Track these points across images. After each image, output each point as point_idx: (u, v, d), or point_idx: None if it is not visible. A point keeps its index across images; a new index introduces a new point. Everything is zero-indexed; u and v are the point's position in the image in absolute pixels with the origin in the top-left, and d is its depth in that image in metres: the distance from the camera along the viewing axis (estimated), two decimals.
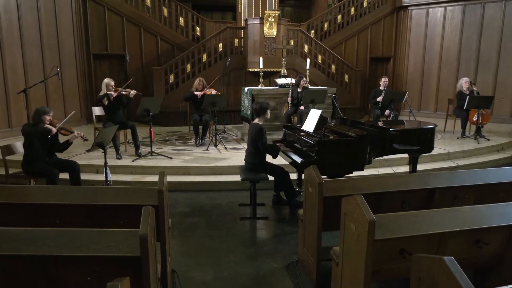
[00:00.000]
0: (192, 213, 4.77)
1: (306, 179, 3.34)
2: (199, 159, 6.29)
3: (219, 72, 9.32)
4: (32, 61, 8.37)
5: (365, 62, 11.85)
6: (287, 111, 7.58)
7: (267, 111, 4.66)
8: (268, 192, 5.20)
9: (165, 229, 2.95)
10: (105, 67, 10.48)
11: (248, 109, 7.87)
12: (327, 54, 10.80)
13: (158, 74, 9.73)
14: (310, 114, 4.91)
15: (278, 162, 5.11)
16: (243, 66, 10.05)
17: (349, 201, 2.48)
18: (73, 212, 2.92)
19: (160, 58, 10.48)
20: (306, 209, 3.35)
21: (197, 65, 9.99)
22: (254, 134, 4.57)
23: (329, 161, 4.21)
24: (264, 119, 4.72)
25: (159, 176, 3.05)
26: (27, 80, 8.12)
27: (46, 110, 4.66)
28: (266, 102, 4.77)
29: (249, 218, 4.60)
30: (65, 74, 8.76)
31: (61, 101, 9.17)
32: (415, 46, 11.47)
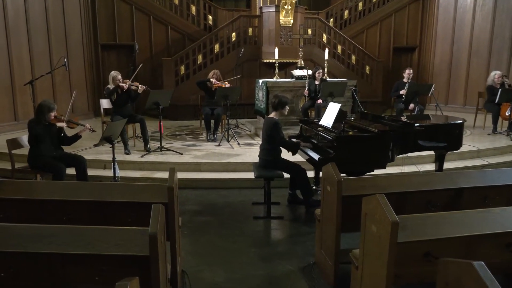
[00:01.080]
0: (203, 211, 4.80)
1: (324, 177, 3.33)
2: (211, 155, 6.32)
3: (232, 63, 9.33)
4: (39, 51, 8.52)
5: (388, 52, 11.70)
6: (303, 105, 7.55)
7: (285, 106, 4.64)
8: (283, 191, 5.20)
9: (175, 227, 2.97)
10: (113, 58, 10.60)
11: (262, 102, 7.85)
12: (347, 44, 10.70)
13: (168, 65, 9.80)
14: (328, 108, 4.88)
15: (294, 159, 5.10)
16: (257, 57, 10.03)
17: (370, 200, 2.46)
18: (80, 208, 2.96)
19: (170, 49, 10.54)
20: (324, 209, 3.34)
21: (209, 55, 10.02)
22: (269, 129, 4.57)
23: (349, 158, 4.18)
24: (281, 114, 4.70)
25: (169, 172, 3.07)
26: (34, 71, 8.27)
27: (50, 107, 4.68)
28: (285, 97, 4.75)
29: (263, 218, 4.60)
30: (72, 65, 8.90)
31: (68, 93, 9.31)
32: (443, 35, 11.25)
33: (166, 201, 2.89)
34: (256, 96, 8.40)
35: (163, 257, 2.36)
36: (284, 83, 7.80)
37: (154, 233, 2.15)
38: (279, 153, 4.72)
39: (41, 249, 2.18)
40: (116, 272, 2.14)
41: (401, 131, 4.44)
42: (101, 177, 5.54)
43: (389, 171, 5.17)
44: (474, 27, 10.65)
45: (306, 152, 4.67)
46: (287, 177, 4.77)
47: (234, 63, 9.01)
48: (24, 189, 3.16)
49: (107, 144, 4.87)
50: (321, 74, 7.54)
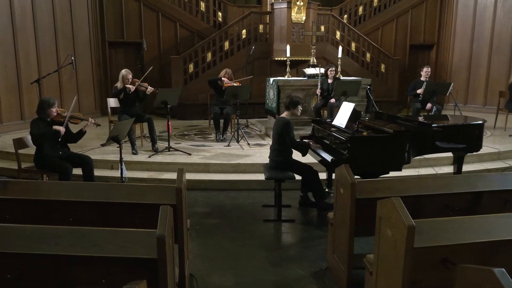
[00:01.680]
0: (211, 213, 4.82)
1: (337, 179, 3.32)
2: (220, 155, 6.34)
3: (242, 61, 9.35)
4: (46, 49, 8.64)
5: (404, 50, 11.62)
6: (316, 104, 7.53)
7: (297, 106, 4.64)
8: (294, 193, 5.19)
9: (183, 230, 2.99)
10: (120, 56, 10.70)
11: (273, 101, 7.85)
12: (361, 41, 10.65)
13: (177, 63, 9.86)
14: (341, 107, 4.86)
15: (306, 160, 5.08)
16: (268, 55, 10.04)
17: (385, 204, 2.44)
18: (86, 209, 3.00)
19: (179, 46, 10.60)
20: (337, 212, 3.33)
21: (219, 53, 10.06)
22: (280, 128, 4.57)
23: (363, 160, 4.17)
24: (293, 114, 4.71)
25: (178, 173, 3.09)
26: (40, 69, 8.39)
27: (50, 102, 4.74)
28: (297, 96, 4.76)
29: (273, 221, 4.60)
30: (79, 63, 9.00)
31: (75, 91, 9.41)
32: (462, 32, 11.12)
33: (174, 202, 2.91)
34: (267, 95, 8.40)
35: (171, 260, 2.37)
36: (295, 81, 7.79)
37: (162, 235, 2.16)
38: (290, 154, 4.72)
39: (47, 250, 2.20)
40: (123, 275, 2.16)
41: (417, 132, 4.41)
42: (108, 178, 5.59)
43: (405, 174, 5.13)
44: (495, 24, 10.51)
45: (319, 153, 4.65)
46: (298, 179, 4.76)
47: (244, 61, 9.03)
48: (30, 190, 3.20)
49: (114, 144, 4.91)
50: (334, 73, 7.52)
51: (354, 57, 10.61)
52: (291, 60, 8.53)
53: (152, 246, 2.19)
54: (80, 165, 4.91)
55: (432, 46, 11.82)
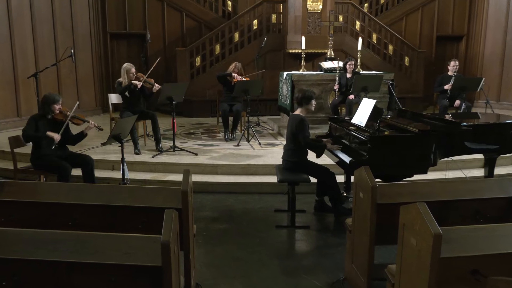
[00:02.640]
0: (219, 218, 4.83)
1: (356, 182, 3.31)
2: (229, 156, 6.36)
3: (253, 54, 9.36)
4: (44, 41, 8.75)
5: (431, 41, 11.51)
6: (333, 101, 7.50)
7: (311, 101, 4.63)
8: (309, 197, 5.18)
9: (189, 236, 3.01)
10: (123, 49, 10.79)
11: (286, 97, 7.84)
12: (383, 32, 10.58)
13: (183, 56, 9.91)
14: (361, 104, 4.84)
15: (322, 161, 5.07)
16: (281, 47, 10.03)
17: (409, 210, 2.43)
18: (86, 213, 3.03)
19: (185, 38, 10.65)
20: (356, 218, 3.32)
21: (228, 45, 10.08)
22: (294, 127, 4.56)
23: (385, 161, 4.15)
24: (307, 110, 4.70)
25: (184, 174, 3.10)
26: (38, 63, 8.50)
27: (55, 98, 4.82)
28: (310, 90, 4.74)
29: (286, 227, 4.60)
30: (79, 56, 9.10)
31: (74, 87, 9.52)
32: (494, 22, 10.97)
33: (179, 206, 2.93)
34: (280, 90, 8.39)
35: (176, 268, 2.39)
36: (311, 76, 7.77)
37: (167, 241, 2.18)
38: (305, 155, 4.71)
39: (45, 256, 2.24)
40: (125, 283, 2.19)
41: (445, 132, 4.37)
42: (109, 179, 5.65)
43: (431, 177, 5.09)
44: None
45: (336, 154, 4.64)
46: (314, 181, 4.75)
47: (256, 54, 9.03)
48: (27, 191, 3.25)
49: (116, 143, 4.96)
50: (354, 66, 7.48)
51: (375, 50, 10.55)
52: (307, 52, 8.52)
53: (156, 253, 2.20)
54: (79, 165, 4.97)
55: (461, 38, 11.69)
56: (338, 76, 7.34)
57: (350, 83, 7.30)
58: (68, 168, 4.75)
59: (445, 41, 11.65)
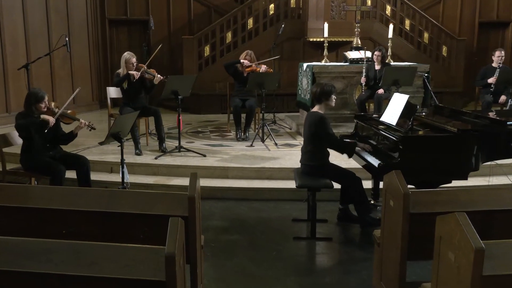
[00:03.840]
0: (230, 228, 4.84)
1: (386, 188, 3.30)
2: (241, 157, 6.37)
3: (269, 42, 9.36)
4: (36, 29, 8.88)
5: (472, 28, 11.38)
6: (360, 96, 7.47)
7: (331, 95, 4.61)
8: (332, 205, 5.16)
9: (196, 247, 3.02)
10: (123, 36, 10.88)
11: (306, 92, 7.83)
12: (417, 18, 10.49)
13: (190, 45, 9.95)
14: (392, 100, 4.82)
15: (347, 165, 5.05)
16: (301, 35, 10.01)
17: (446, 220, 2.42)
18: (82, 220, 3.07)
19: (193, 25, 10.70)
20: (385, 230, 3.31)
21: (241, 33, 10.10)
22: (313, 125, 4.55)
23: (419, 165, 4.14)
24: (326, 106, 4.67)
25: (190, 178, 3.12)
26: (29, 53, 8.63)
27: (38, 95, 4.80)
28: (329, 84, 4.70)
29: (306, 239, 4.59)
30: (74, 45, 9.20)
31: (69, 79, 9.63)
32: None
33: (185, 214, 2.94)
34: (299, 84, 8.38)
35: (181, 284, 2.40)
36: (335, 68, 7.75)
37: (172, 253, 2.19)
38: (327, 157, 4.70)
39: (36, 268, 2.26)
40: None
41: (488, 131, 4.33)
42: (106, 183, 5.71)
43: (472, 183, 5.03)
44: None
45: (363, 156, 4.62)
46: (337, 187, 4.73)
47: (272, 42, 9.02)
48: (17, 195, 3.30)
49: (115, 142, 5.00)
50: (383, 57, 7.43)
51: (408, 38, 10.46)
52: (330, 41, 8.48)
53: (159, 266, 2.22)
54: (74, 167, 5.02)
55: (507, 24, 11.54)
56: (365, 67, 7.30)
57: (379, 75, 7.25)
58: (61, 170, 4.81)
59: (488, 28, 11.51)
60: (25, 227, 3.06)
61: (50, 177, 4.84)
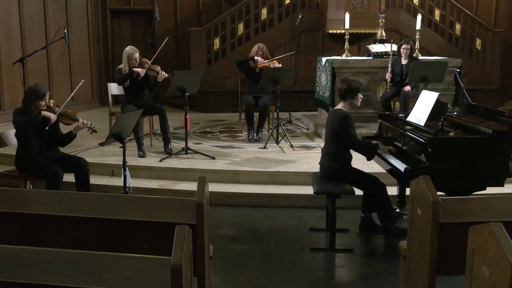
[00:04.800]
0: (241, 237, 4.85)
1: (413, 195, 3.29)
2: (253, 160, 6.38)
3: (285, 34, 9.34)
4: (32, 20, 8.97)
5: (509, 19, 11.30)
6: (384, 93, 7.44)
7: (357, 93, 4.62)
8: (353, 213, 5.15)
9: (204, 258, 3.03)
10: (125, 28, 10.95)
11: (325, 89, 7.81)
12: (448, 8, 10.43)
13: (198, 37, 9.98)
14: (420, 98, 4.80)
15: (370, 169, 5.04)
16: (320, 26, 10.00)
17: (480, 231, 2.40)
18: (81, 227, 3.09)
19: (201, 15, 10.74)
20: (412, 241, 3.29)
21: (253, 24, 10.11)
22: (336, 124, 4.55)
23: (449, 170, 4.12)
24: (351, 105, 4.68)
25: (198, 183, 3.13)
26: (25, 46, 8.72)
27: (40, 92, 4.86)
28: (357, 80, 4.72)
29: (325, 250, 4.58)
30: (73, 38, 9.27)
31: (67, 74, 9.72)
32: None
33: (193, 222, 2.95)
34: (317, 80, 8.36)
35: None
36: (357, 62, 7.72)
37: (178, 264, 2.19)
38: (349, 160, 4.69)
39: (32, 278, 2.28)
40: None
41: None
42: (107, 187, 5.75)
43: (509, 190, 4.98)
44: None
45: (388, 159, 4.61)
46: (359, 194, 4.72)
47: (288, 34, 9.02)
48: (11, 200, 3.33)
49: (116, 143, 5.03)
50: (410, 50, 7.39)
51: (438, 30, 10.40)
52: (351, 33, 8.46)
53: (164, 278, 2.23)
54: (72, 170, 5.06)
55: None
56: (390, 62, 7.27)
57: (405, 71, 7.22)
58: (59, 172, 4.85)
59: None
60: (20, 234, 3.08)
61: (46, 180, 4.88)
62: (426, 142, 4.20)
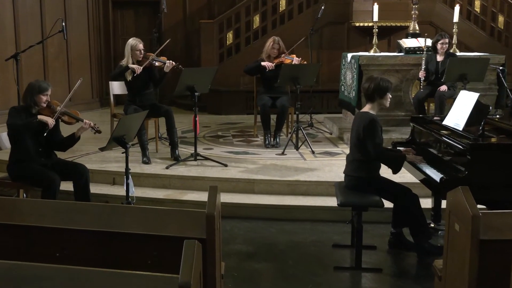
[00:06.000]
0: (256, 254, 4.85)
1: (450, 209, 3.27)
2: (270, 168, 6.38)
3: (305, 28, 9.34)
4: (27, 12, 9.07)
5: None
6: (417, 94, 7.40)
7: (386, 93, 4.59)
8: (382, 228, 5.15)
9: (215, 277, 3.03)
10: (129, 20, 11.03)
11: (351, 89, 7.80)
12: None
13: (209, 31, 10.02)
14: (458, 99, 4.78)
15: (400, 179, 5.00)
16: (345, 19, 10.00)
17: None
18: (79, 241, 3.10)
19: (213, 6, 10.79)
20: (449, 260, 3.28)
21: (271, 16, 10.12)
22: (362, 129, 4.53)
23: (491, 180, 4.10)
24: (380, 106, 4.66)
25: (209, 193, 3.13)
26: (19, 41, 8.82)
27: (42, 86, 4.95)
28: (386, 79, 4.69)
29: (350, 269, 4.56)
30: (72, 32, 9.36)
31: (65, 71, 9.80)
32: None
33: (203, 236, 2.95)
34: (342, 79, 8.35)
35: None
36: (386, 59, 7.70)
37: (187, 283, 2.20)
38: (378, 168, 4.68)
39: None
40: None
41: None
42: (108, 197, 5.78)
43: None
44: None
45: (421, 168, 4.59)
46: (388, 206, 4.69)
47: (309, 27, 9.01)
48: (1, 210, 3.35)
49: (118, 148, 5.06)
50: (448, 46, 7.35)
51: (478, 22, 10.34)
52: (380, 26, 8.44)
53: None
54: (70, 177, 5.10)
55: None
56: (424, 59, 7.23)
57: (441, 69, 7.18)
58: (55, 180, 4.88)
59: None
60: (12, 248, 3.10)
61: (41, 188, 4.91)
62: (465, 149, 4.17)
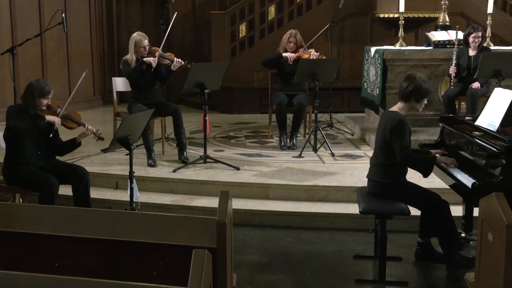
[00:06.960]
0: (271, 265, 4.85)
1: (483, 217, 3.28)
2: (286, 172, 6.38)
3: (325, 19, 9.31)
4: (24, 2, 9.12)
5: None
6: (447, 91, 7.36)
7: (424, 98, 4.56)
8: (408, 237, 5.14)
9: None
10: (134, 12, 11.05)
11: (375, 85, 7.78)
12: None
13: (221, 23, 10.03)
14: (492, 97, 4.76)
15: (428, 184, 4.98)
16: (368, 10, 9.97)
17: None
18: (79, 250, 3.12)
19: None
20: (481, 273, 3.28)
21: (288, 7, 10.11)
22: (389, 130, 4.51)
23: None
24: (412, 108, 4.63)
25: (220, 198, 3.14)
26: (15, 34, 8.87)
27: (44, 89, 4.94)
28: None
29: (372, 282, 4.55)
30: (72, 24, 9.40)
31: (65, 67, 9.83)
32: None
33: (213, 245, 2.96)
34: (365, 75, 8.33)
35: None
36: (413, 53, 7.66)
37: None
38: (404, 173, 4.66)
39: None
40: None
41: None
42: (110, 202, 5.79)
43: None
44: None
45: (451, 173, 4.57)
46: (415, 214, 4.68)
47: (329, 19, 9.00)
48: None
49: (122, 149, 5.08)
50: (481, 39, 7.30)
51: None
52: (407, 18, 8.41)
53: None
54: (70, 181, 5.12)
55: None
56: (455, 53, 7.20)
57: (474, 64, 7.14)
58: (54, 183, 4.90)
59: None
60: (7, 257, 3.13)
61: (39, 192, 4.93)
62: (499, 152, 4.14)
